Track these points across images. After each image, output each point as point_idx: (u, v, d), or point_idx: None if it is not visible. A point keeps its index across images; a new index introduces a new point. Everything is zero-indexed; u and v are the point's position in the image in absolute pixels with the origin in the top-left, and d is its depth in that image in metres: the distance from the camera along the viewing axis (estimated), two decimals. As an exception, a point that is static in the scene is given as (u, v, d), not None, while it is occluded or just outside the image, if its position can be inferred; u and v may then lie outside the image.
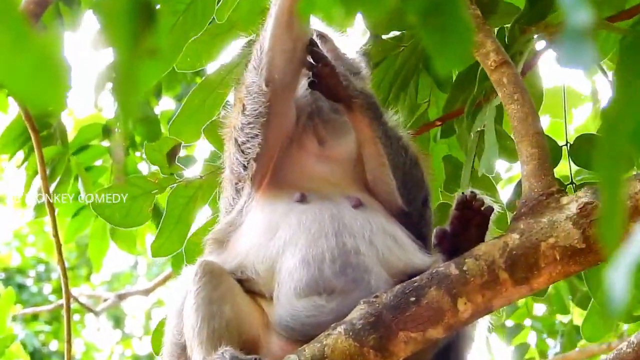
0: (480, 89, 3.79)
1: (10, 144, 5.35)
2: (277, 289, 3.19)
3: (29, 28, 1.31)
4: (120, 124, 4.58)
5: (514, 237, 2.96)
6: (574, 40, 1.31)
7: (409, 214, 3.43)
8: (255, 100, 3.38)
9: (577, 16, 1.31)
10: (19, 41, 1.31)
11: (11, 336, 4.96)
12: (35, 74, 1.32)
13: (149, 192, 4.24)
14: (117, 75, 1.38)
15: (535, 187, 3.06)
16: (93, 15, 4.51)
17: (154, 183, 4.22)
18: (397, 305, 2.95)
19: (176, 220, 4.20)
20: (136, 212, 4.25)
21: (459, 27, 1.38)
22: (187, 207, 4.20)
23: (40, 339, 12.58)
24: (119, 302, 11.39)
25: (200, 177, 4.24)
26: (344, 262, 3.15)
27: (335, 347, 2.94)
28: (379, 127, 3.45)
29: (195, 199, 4.20)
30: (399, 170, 3.44)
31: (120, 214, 4.23)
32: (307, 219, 3.24)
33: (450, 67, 1.39)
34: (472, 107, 3.84)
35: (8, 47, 1.30)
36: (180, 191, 4.22)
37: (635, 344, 3.41)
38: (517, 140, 3.21)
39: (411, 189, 3.45)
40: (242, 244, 3.32)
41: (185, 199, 4.20)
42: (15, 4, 1.33)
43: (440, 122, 4.17)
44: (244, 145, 3.40)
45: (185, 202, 4.20)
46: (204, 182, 4.22)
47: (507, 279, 2.93)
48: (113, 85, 1.39)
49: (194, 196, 4.20)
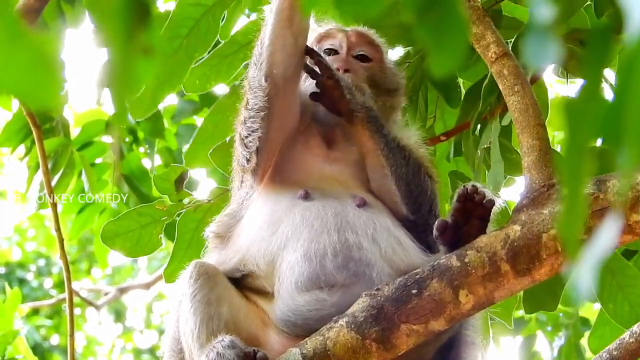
0: (485, 103, 3.80)
1: (12, 137, 5.35)
2: (278, 284, 3.19)
3: (24, 26, 1.32)
4: (116, 121, 4.59)
5: (516, 228, 2.96)
6: (537, 36, 1.31)
7: (415, 222, 3.43)
8: (256, 94, 3.38)
9: (540, 13, 1.32)
10: (14, 39, 1.31)
11: (14, 332, 4.96)
12: (31, 72, 1.32)
13: (158, 219, 4.28)
14: (112, 73, 1.38)
15: (536, 179, 3.07)
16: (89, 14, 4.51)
17: (163, 210, 4.25)
18: (399, 298, 2.96)
19: (187, 245, 4.24)
20: (146, 240, 4.30)
21: (455, 22, 1.39)
22: (197, 230, 4.22)
23: (41, 333, 12.59)
24: (120, 295, 11.40)
25: (209, 200, 4.26)
26: (345, 256, 3.15)
27: (338, 340, 2.95)
28: (381, 140, 3.45)
29: (205, 223, 4.22)
30: (402, 180, 3.44)
31: (131, 243, 4.28)
32: (310, 215, 3.24)
33: (448, 64, 1.39)
34: (477, 122, 3.84)
35: (3, 45, 1.31)
36: (190, 216, 4.25)
37: (638, 334, 3.41)
38: (518, 131, 3.21)
39: (416, 198, 3.45)
40: (243, 238, 3.33)
41: (195, 222, 4.24)
42: (11, 2, 1.34)
43: (445, 137, 4.17)
44: (246, 139, 3.41)
45: (195, 226, 4.23)
46: (213, 205, 4.24)
47: (508, 271, 2.94)
48: (108, 83, 1.39)
49: (203, 220, 4.22)
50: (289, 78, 3.40)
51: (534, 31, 1.32)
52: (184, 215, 4.24)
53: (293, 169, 3.46)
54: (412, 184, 3.45)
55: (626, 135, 1.21)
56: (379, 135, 3.45)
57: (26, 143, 5.39)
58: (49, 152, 5.23)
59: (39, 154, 4.97)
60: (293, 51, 3.38)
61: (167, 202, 4.28)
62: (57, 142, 5.40)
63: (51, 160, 5.29)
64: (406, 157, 3.47)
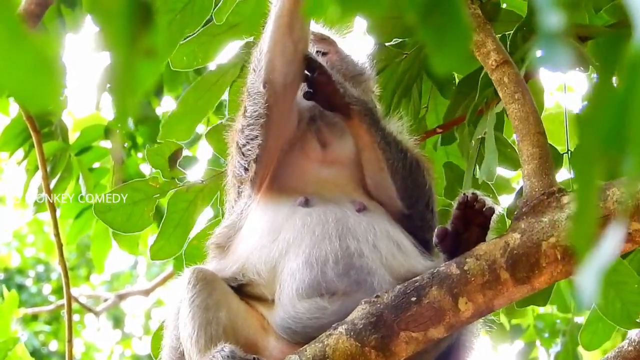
0: (482, 96, 3.79)
1: (10, 141, 5.35)
2: (278, 290, 3.18)
3: (25, 29, 1.31)
4: (118, 125, 4.58)
5: (515, 236, 2.95)
6: (549, 42, 1.31)
7: (411, 217, 3.43)
8: (255, 101, 3.37)
9: (551, 19, 1.32)
10: (16, 42, 1.31)
11: (14, 338, 4.95)
12: (32, 75, 1.31)
13: (150, 196, 4.25)
14: (114, 76, 1.38)
15: (536, 187, 3.06)
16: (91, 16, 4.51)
17: (156, 187, 4.22)
18: (399, 305, 2.95)
19: (176, 224, 4.20)
20: (137, 217, 4.26)
21: (458, 26, 1.38)
22: (187, 211, 4.20)
23: (40, 339, 12.57)
24: (118, 302, 11.38)
25: (202, 181, 4.24)
26: (347, 264, 3.14)
27: (337, 347, 2.94)
28: (377, 133, 3.44)
29: (195, 203, 4.21)
30: (398, 174, 3.44)
31: (122, 218, 4.24)
32: (311, 221, 3.23)
33: (449, 66, 1.39)
34: (473, 114, 3.83)
35: (4, 47, 1.30)
36: (181, 195, 4.22)
37: (636, 342, 3.41)
38: (518, 139, 3.20)
39: (412, 192, 3.45)
40: (243, 247, 3.31)
41: (186, 203, 4.21)
42: (13, 5, 1.33)
43: (442, 130, 4.16)
44: (244, 148, 3.40)
45: (186, 206, 4.21)
46: (205, 186, 4.23)
47: (508, 279, 2.93)
48: (110, 86, 1.38)
49: (194, 200, 4.21)
50: (289, 85, 3.39)
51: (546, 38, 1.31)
52: (175, 194, 4.21)
53: (291, 176, 3.45)
54: (409, 179, 3.45)
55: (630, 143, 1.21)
56: (375, 128, 3.45)
57: (24, 147, 5.39)
58: (47, 156, 5.22)
59: (37, 158, 4.97)
60: (293, 58, 3.37)
61: (160, 180, 4.25)
62: (56, 146, 5.40)
63: (49, 165, 5.28)
64: (403, 151, 3.47)
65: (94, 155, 5.76)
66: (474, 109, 3.83)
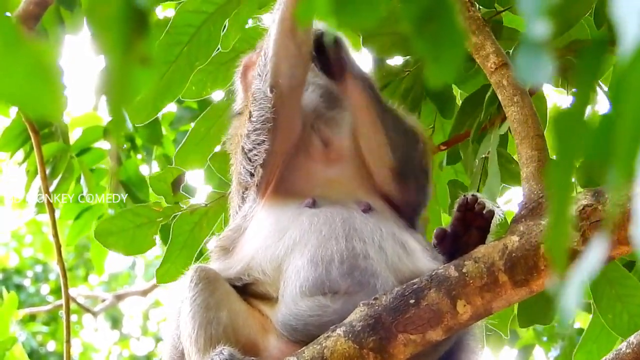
0: (486, 114, 3.79)
1: (10, 142, 5.35)
2: (282, 288, 3.18)
3: (22, 34, 1.31)
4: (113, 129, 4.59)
5: (514, 239, 2.96)
6: (531, 53, 1.29)
7: (405, 175, 3.43)
8: (261, 106, 3.37)
9: (535, 28, 1.29)
10: (13, 47, 1.31)
11: (12, 339, 4.95)
12: (30, 81, 1.31)
13: (153, 220, 4.26)
14: (108, 81, 1.38)
15: (534, 190, 3.07)
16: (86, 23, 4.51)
17: (158, 211, 4.24)
18: (397, 307, 2.95)
19: (181, 247, 4.21)
20: (141, 240, 4.28)
21: (453, 33, 1.38)
22: (192, 233, 4.21)
23: (38, 339, 12.57)
24: (116, 302, 11.39)
25: (205, 204, 4.25)
26: (351, 264, 3.14)
27: (335, 349, 2.94)
28: (374, 98, 3.50)
29: (200, 226, 4.22)
30: (390, 131, 3.48)
31: (125, 242, 4.26)
32: (318, 221, 3.24)
33: (444, 77, 1.38)
34: (477, 131, 3.84)
35: (1, 53, 1.30)
36: (186, 218, 4.23)
37: (634, 345, 3.40)
38: (517, 142, 3.21)
39: (405, 151, 3.48)
40: (248, 247, 3.31)
41: (191, 225, 4.22)
42: (9, 9, 1.33)
43: (445, 147, 4.16)
44: (250, 153, 3.40)
45: (190, 228, 4.22)
46: (210, 209, 4.23)
47: (506, 281, 2.93)
48: (105, 92, 1.38)
49: (199, 222, 4.21)
50: (295, 87, 3.40)
51: (528, 47, 1.30)
52: (180, 217, 4.22)
53: (297, 178, 3.46)
54: (404, 138, 3.49)
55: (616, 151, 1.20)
56: (371, 92, 3.50)
57: (25, 148, 5.38)
58: (48, 157, 5.22)
59: (37, 160, 4.97)
60: (297, 60, 3.37)
61: (163, 205, 4.27)
62: (56, 148, 5.39)
63: (50, 166, 5.28)
64: (398, 118, 3.51)
65: (94, 156, 5.76)
66: (478, 126, 3.83)
